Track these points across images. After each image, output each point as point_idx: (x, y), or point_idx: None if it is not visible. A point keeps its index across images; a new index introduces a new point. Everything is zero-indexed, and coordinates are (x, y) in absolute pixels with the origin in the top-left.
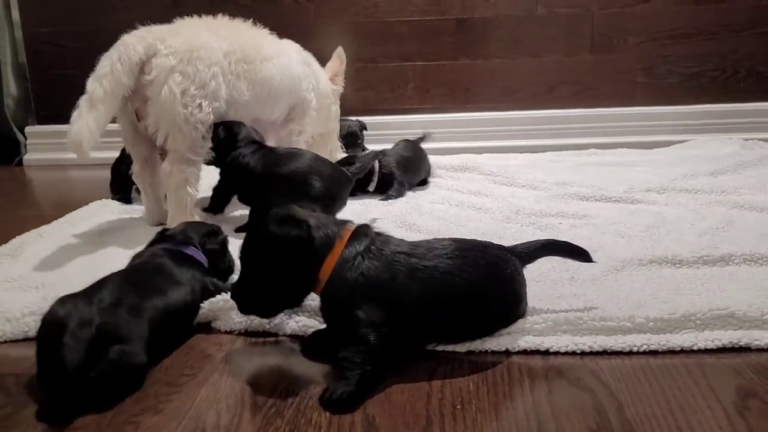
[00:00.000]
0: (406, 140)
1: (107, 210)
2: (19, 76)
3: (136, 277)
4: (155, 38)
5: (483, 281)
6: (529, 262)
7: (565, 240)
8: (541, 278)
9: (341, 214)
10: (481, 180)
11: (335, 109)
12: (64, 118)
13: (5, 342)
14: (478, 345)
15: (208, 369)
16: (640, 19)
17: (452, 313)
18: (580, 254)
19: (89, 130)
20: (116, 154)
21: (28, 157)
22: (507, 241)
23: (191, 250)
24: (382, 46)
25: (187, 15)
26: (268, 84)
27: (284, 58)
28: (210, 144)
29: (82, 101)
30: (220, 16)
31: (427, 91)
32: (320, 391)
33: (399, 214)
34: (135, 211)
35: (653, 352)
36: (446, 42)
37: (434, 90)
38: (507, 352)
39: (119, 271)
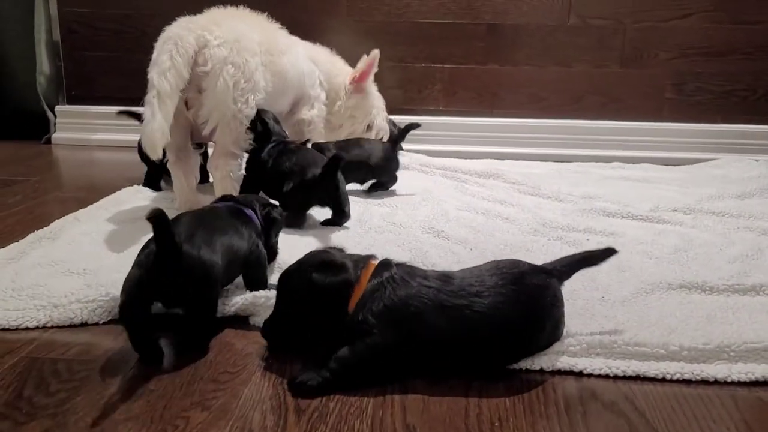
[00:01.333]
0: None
1: (140, 196)
2: (52, 54)
3: (203, 220)
4: (201, 29)
5: (521, 318)
6: (567, 279)
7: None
8: (571, 296)
9: (370, 215)
10: (507, 188)
11: (341, 104)
12: (93, 99)
13: (52, 327)
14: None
15: (250, 368)
16: (673, 35)
17: (485, 349)
18: (609, 254)
19: (162, 130)
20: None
21: (57, 135)
22: (535, 255)
23: (250, 212)
24: (411, 47)
25: (215, 4)
26: (283, 77)
27: (294, 53)
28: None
29: (152, 97)
30: (241, 7)
31: (453, 93)
32: (359, 399)
33: (426, 220)
34: (166, 198)
35: (686, 381)
36: (476, 46)
37: (461, 93)
38: (541, 371)
39: (187, 212)
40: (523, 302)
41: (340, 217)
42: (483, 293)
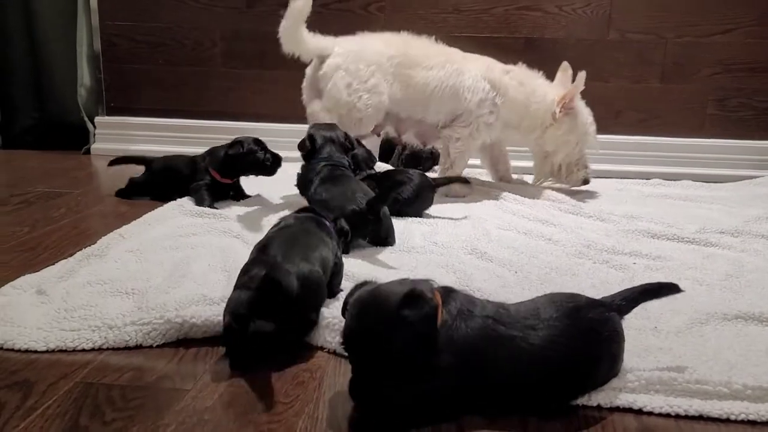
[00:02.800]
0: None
1: (182, 211)
2: (92, 66)
3: (297, 237)
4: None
5: (577, 353)
6: (628, 312)
7: (653, 282)
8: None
9: (411, 234)
10: (547, 207)
11: (552, 131)
12: (132, 110)
13: (107, 349)
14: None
15: (303, 398)
16: (715, 50)
17: (542, 384)
18: (670, 290)
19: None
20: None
21: (96, 146)
22: (582, 279)
23: (330, 224)
24: None
25: (259, 16)
26: (422, 89)
27: (449, 71)
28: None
29: None
30: (404, 33)
31: None
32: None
33: (468, 240)
34: (208, 214)
35: (751, 422)
36: (514, 61)
37: None
38: (599, 408)
39: (277, 232)
40: (580, 337)
41: (387, 242)
42: (537, 326)
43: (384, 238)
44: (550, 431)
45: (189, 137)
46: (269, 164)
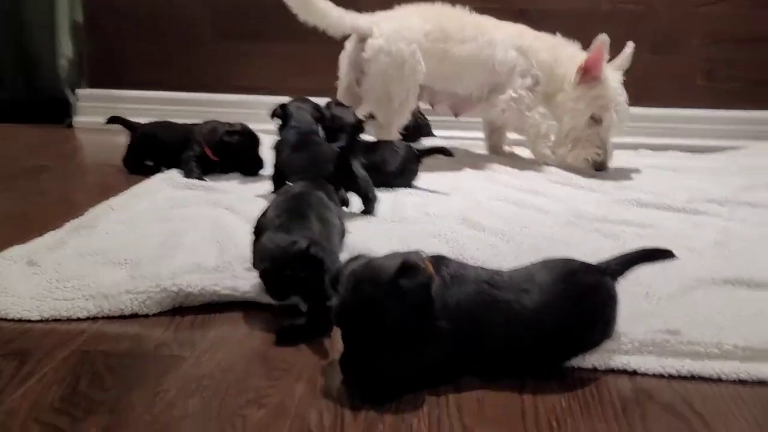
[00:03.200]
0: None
1: (171, 183)
2: (74, 37)
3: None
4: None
5: (571, 316)
6: (621, 275)
7: (647, 247)
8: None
9: (403, 205)
10: (538, 178)
11: (563, 97)
12: (116, 83)
13: (102, 318)
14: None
15: (300, 364)
16: (705, 22)
17: (536, 347)
18: (665, 255)
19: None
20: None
21: (79, 119)
22: (574, 248)
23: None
24: None
25: None
26: (456, 63)
27: (480, 43)
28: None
29: None
30: (438, 3)
31: None
32: (413, 398)
33: (459, 210)
34: (197, 186)
35: (742, 381)
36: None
37: None
38: (594, 370)
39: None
40: (574, 300)
41: (369, 205)
42: (532, 290)
43: (364, 195)
44: (546, 392)
45: (175, 110)
46: (254, 165)
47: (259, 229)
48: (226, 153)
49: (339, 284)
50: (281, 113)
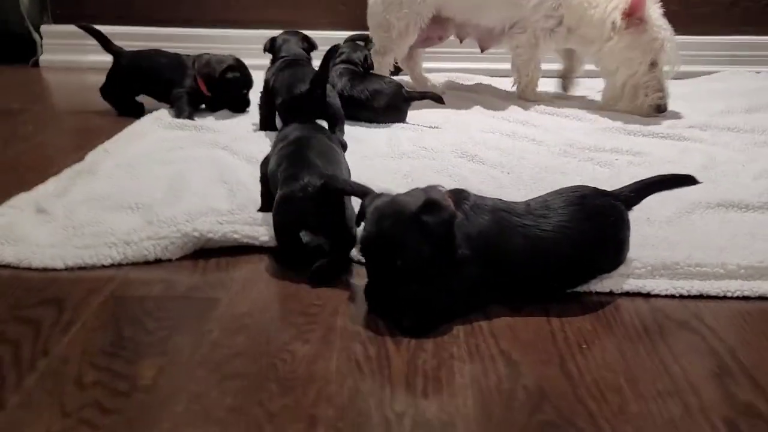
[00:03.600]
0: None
1: (161, 124)
2: None
3: (324, 151)
4: None
5: (584, 236)
6: (636, 204)
7: (661, 174)
8: None
9: (398, 139)
10: (525, 108)
11: (612, 45)
12: (82, 17)
13: (126, 265)
14: (583, 286)
15: (335, 300)
16: None
17: (556, 268)
18: (685, 181)
19: None
20: None
21: (45, 57)
22: (571, 177)
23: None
24: None
25: None
26: None
27: None
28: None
29: None
30: None
31: None
32: (449, 326)
33: (455, 143)
34: (188, 126)
35: (746, 298)
36: None
37: None
38: (611, 294)
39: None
40: (587, 221)
41: (335, 129)
42: (548, 215)
43: (331, 125)
44: (570, 314)
45: (145, 46)
46: (244, 103)
47: (265, 179)
48: (222, 89)
49: (364, 219)
50: (270, 46)
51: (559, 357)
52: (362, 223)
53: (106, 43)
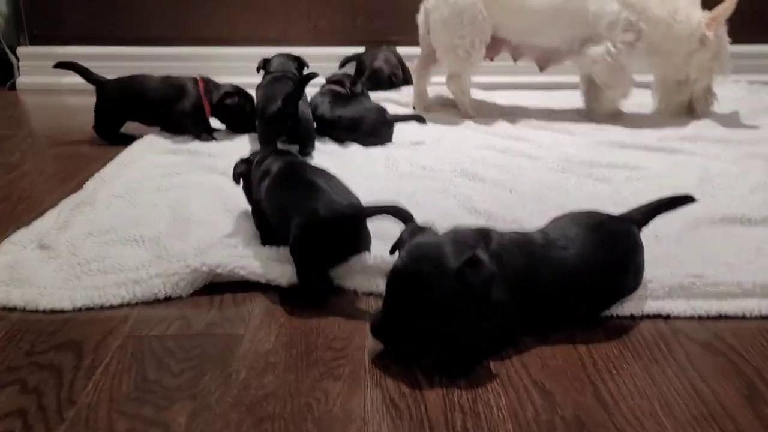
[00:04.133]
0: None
1: (154, 149)
2: None
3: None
4: None
5: (606, 265)
6: (645, 225)
7: (666, 196)
8: None
9: (396, 160)
10: (515, 124)
11: (700, 57)
12: (59, 38)
13: (136, 304)
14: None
15: (359, 333)
16: None
17: (581, 300)
18: (686, 200)
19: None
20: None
21: (22, 80)
22: (573, 194)
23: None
24: None
25: None
26: (535, 15)
27: None
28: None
29: None
30: None
31: None
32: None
33: (453, 162)
34: (182, 151)
35: (764, 317)
36: None
37: None
38: (632, 317)
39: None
40: (605, 249)
41: (304, 148)
42: (568, 246)
43: (301, 142)
44: (596, 340)
45: (123, 66)
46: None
47: (259, 208)
48: (225, 114)
49: (401, 250)
50: (263, 65)
51: (591, 384)
52: (396, 251)
53: (87, 74)
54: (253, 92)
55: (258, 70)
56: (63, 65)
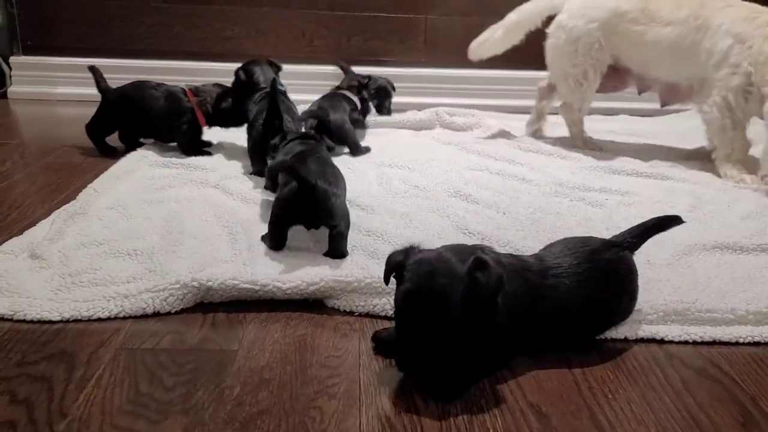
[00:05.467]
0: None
1: (147, 162)
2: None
3: (325, 162)
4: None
5: (601, 293)
6: (638, 249)
7: (656, 216)
8: None
9: (389, 178)
10: (508, 146)
11: None
12: (52, 49)
13: (126, 317)
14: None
15: (353, 350)
16: None
17: (575, 326)
18: (675, 221)
19: (492, 40)
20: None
21: (13, 89)
22: (566, 218)
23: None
24: None
25: None
26: (653, 47)
27: (691, 27)
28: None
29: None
30: None
31: (435, 45)
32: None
33: (446, 182)
34: (174, 164)
35: (756, 343)
36: None
37: (442, 45)
38: (626, 340)
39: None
40: (600, 277)
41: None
42: (563, 275)
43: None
44: (591, 363)
45: (115, 78)
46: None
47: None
48: (223, 119)
49: (405, 272)
50: (245, 74)
51: (587, 408)
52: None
53: (99, 81)
54: None
55: (238, 83)
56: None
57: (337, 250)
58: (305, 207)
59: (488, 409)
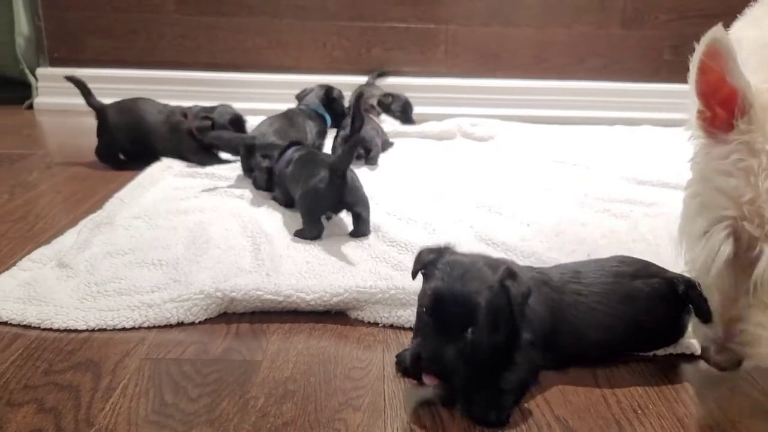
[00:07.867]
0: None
1: (171, 172)
2: (30, 12)
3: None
4: None
5: (629, 322)
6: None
7: None
8: None
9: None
10: (531, 156)
11: None
12: (78, 61)
13: (150, 327)
14: None
15: (377, 362)
16: None
17: (610, 345)
18: None
19: None
20: None
21: (39, 100)
22: (591, 229)
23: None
24: (414, 6)
25: None
26: None
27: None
28: None
29: None
30: None
31: (456, 55)
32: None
33: (469, 193)
34: (199, 174)
35: None
36: (479, 7)
37: (464, 55)
38: (654, 355)
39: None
40: (617, 301)
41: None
42: (582, 292)
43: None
44: (618, 376)
45: (140, 89)
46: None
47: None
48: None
49: (436, 270)
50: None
51: (616, 423)
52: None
53: (87, 96)
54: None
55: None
56: (72, 80)
57: (363, 231)
58: (337, 194)
59: (514, 422)
